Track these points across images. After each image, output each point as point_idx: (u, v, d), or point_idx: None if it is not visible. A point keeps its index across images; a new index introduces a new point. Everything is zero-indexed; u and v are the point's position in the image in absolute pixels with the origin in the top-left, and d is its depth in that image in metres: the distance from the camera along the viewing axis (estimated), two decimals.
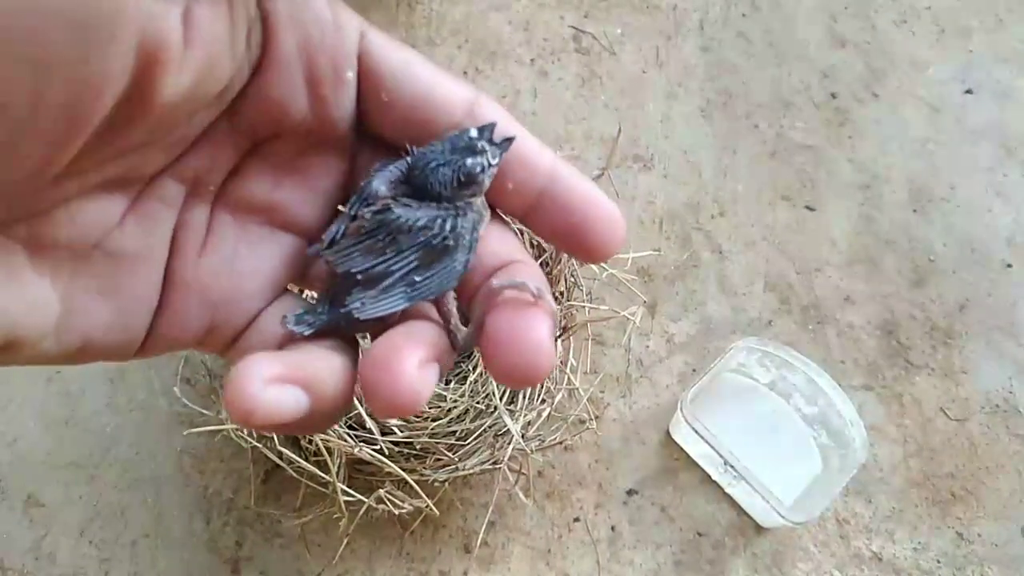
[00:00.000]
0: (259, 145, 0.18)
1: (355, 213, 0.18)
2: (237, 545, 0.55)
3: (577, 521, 0.56)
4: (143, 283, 0.17)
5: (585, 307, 0.59)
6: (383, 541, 0.55)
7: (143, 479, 0.56)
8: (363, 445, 0.49)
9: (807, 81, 0.75)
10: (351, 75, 0.17)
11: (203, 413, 0.53)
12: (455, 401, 0.55)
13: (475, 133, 0.17)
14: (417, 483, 0.49)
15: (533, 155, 0.18)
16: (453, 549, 0.55)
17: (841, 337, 0.64)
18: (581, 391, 0.57)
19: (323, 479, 0.49)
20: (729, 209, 0.69)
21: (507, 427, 0.50)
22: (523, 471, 0.54)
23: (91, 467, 0.57)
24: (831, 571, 0.55)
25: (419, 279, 0.18)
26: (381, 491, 0.49)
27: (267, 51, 0.16)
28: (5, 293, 0.14)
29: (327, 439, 0.48)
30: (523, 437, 0.51)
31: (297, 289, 0.20)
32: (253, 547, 0.54)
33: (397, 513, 0.49)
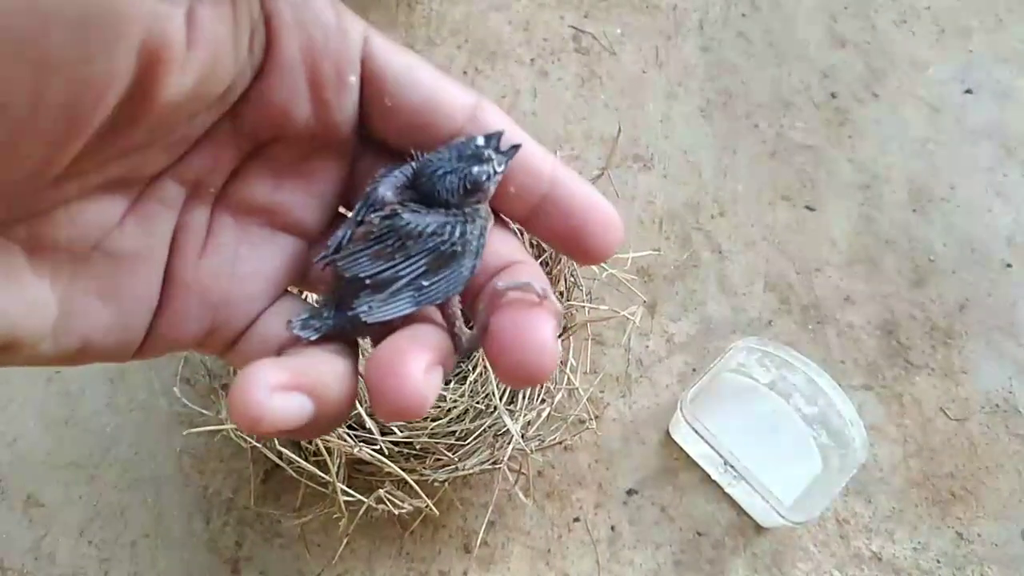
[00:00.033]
0: (261, 147, 0.18)
1: (361, 218, 0.18)
2: (237, 545, 0.55)
3: (577, 521, 0.56)
4: (142, 284, 0.17)
5: (585, 307, 0.59)
6: (383, 541, 0.55)
7: (143, 479, 0.56)
8: (363, 445, 0.49)
9: (807, 81, 0.75)
10: (354, 79, 0.17)
11: (203, 413, 0.53)
12: (455, 401, 0.55)
13: (482, 141, 0.17)
14: (417, 483, 0.49)
15: (535, 160, 0.18)
16: (453, 549, 0.55)
17: (841, 337, 0.64)
18: (581, 391, 0.57)
19: (323, 479, 0.49)
20: (729, 209, 0.69)
21: (507, 427, 0.50)
22: (523, 471, 0.54)
23: (91, 467, 0.57)
24: (831, 571, 0.55)
25: (427, 284, 0.18)
26: (381, 491, 0.49)
27: (270, 54, 0.16)
28: (4, 294, 0.14)
29: (327, 439, 0.48)
30: (523, 437, 0.51)
31: (296, 291, 0.20)
32: (253, 547, 0.54)
33: (397, 513, 0.49)
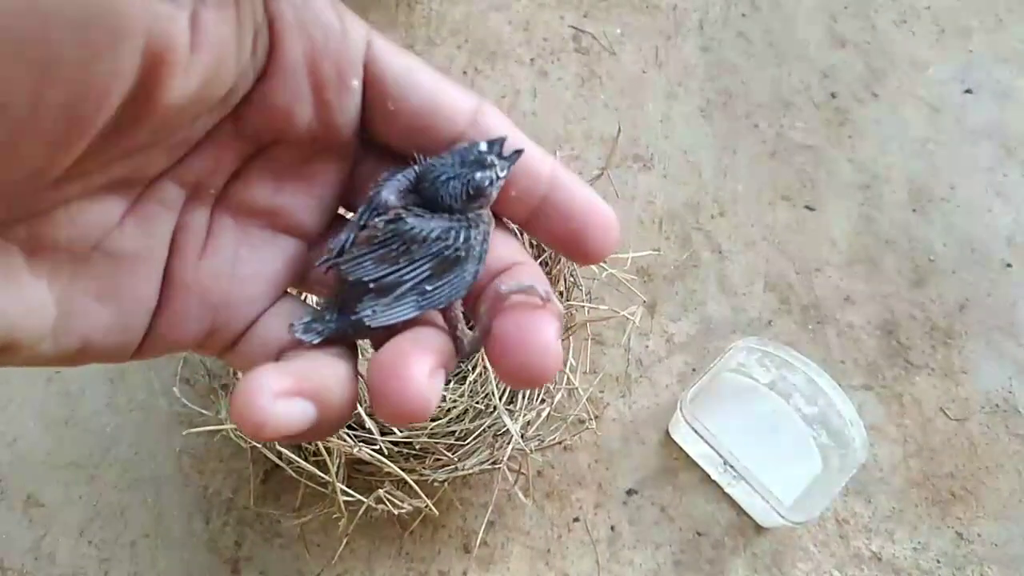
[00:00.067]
0: (262, 149, 0.18)
1: (365, 222, 0.18)
2: (236, 545, 0.55)
3: (577, 521, 0.56)
4: (142, 285, 0.17)
5: (585, 307, 0.59)
6: (382, 541, 0.55)
7: (143, 479, 0.56)
8: (362, 445, 0.49)
9: (807, 81, 0.75)
10: (356, 83, 0.17)
11: (202, 413, 0.53)
12: (454, 401, 0.55)
13: (485, 147, 0.17)
14: (416, 483, 0.49)
15: (536, 163, 0.18)
16: (452, 549, 0.55)
17: (841, 337, 0.64)
18: (581, 391, 0.57)
19: (322, 479, 0.49)
20: (729, 209, 0.69)
21: (506, 427, 0.50)
22: (522, 471, 0.54)
23: (91, 467, 0.57)
24: (831, 571, 0.55)
25: (430, 288, 0.18)
26: (380, 491, 0.49)
27: (273, 57, 0.16)
28: (3, 295, 0.14)
29: (326, 439, 0.48)
30: (522, 437, 0.51)
31: (295, 292, 0.20)
32: (253, 547, 0.54)
33: (396, 513, 0.49)
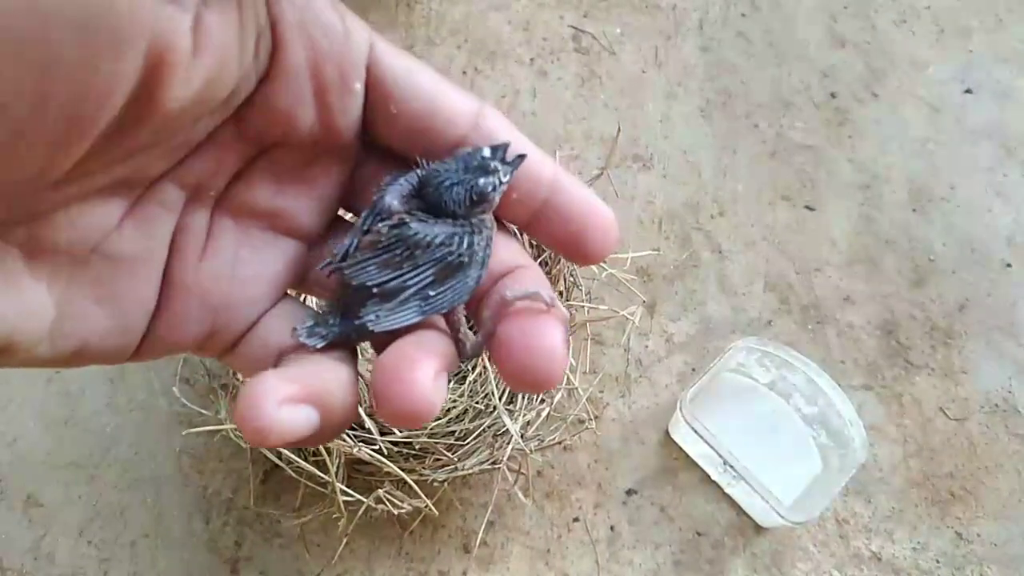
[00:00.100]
0: (263, 151, 0.18)
1: (368, 227, 0.18)
2: (236, 545, 0.55)
3: (576, 521, 0.56)
4: (141, 287, 0.17)
5: (584, 307, 0.59)
6: (382, 541, 0.55)
7: (143, 479, 0.56)
8: (362, 445, 0.49)
9: (807, 81, 0.75)
10: (359, 86, 0.17)
11: (202, 413, 0.53)
12: (454, 401, 0.55)
13: (488, 153, 0.17)
14: (416, 483, 0.49)
15: (537, 166, 0.18)
16: (452, 549, 0.55)
17: (841, 337, 0.64)
18: (580, 391, 0.57)
19: (322, 479, 0.49)
20: (729, 209, 0.69)
21: (506, 427, 0.50)
22: (522, 471, 0.54)
23: (91, 467, 0.57)
24: (830, 571, 0.55)
25: (433, 293, 0.18)
26: (380, 491, 0.49)
27: (276, 60, 0.16)
28: (1, 297, 0.14)
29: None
30: (522, 437, 0.51)
31: (294, 293, 0.20)
32: (252, 547, 0.54)
33: (396, 513, 0.49)
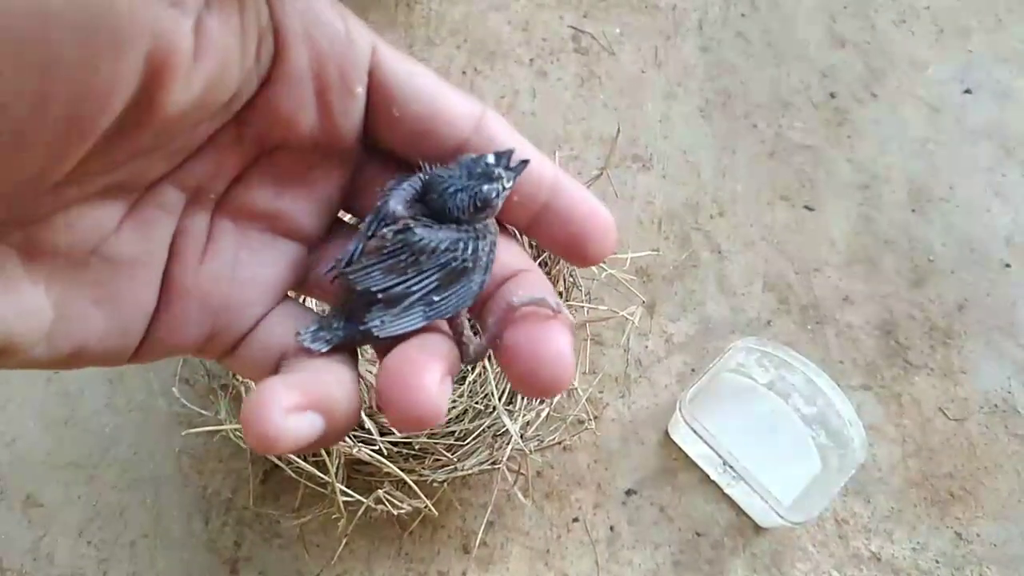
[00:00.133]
0: (264, 154, 0.18)
1: (372, 232, 0.18)
2: (236, 545, 0.55)
3: (576, 521, 0.56)
4: (139, 290, 0.17)
5: (584, 307, 0.59)
6: (382, 541, 0.55)
7: (142, 479, 0.56)
8: (362, 445, 0.49)
9: (806, 81, 0.75)
10: (361, 90, 0.17)
11: (202, 413, 0.53)
12: (454, 401, 0.55)
13: (492, 160, 0.18)
14: (416, 483, 0.49)
15: (537, 169, 0.18)
16: (452, 549, 0.55)
17: (840, 337, 0.64)
18: (580, 391, 0.57)
19: (322, 479, 0.49)
20: (728, 209, 0.69)
21: (506, 427, 0.50)
22: (522, 471, 0.54)
23: (90, 467, 0.57)
24: (830, 571, 0.55)
25: (437, 299, 0.18)
26: (380, 491, 0.49)
27: (278, 63, 0.16)
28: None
29: None
30: (522, 437, 0.51)
31: (294, 295, 0.20)
32: (252, 547, 0.54)
33: (396, 513, 0.49)
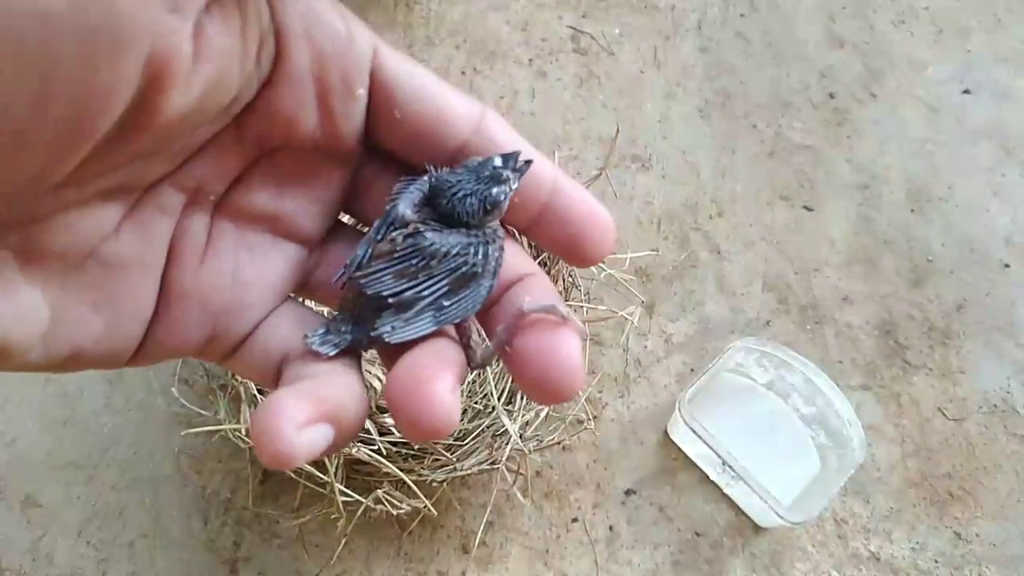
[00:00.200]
0: (264, 155, 0.18)
1: (381, 236, 0.18)
2: (235, 545, 0.55)
3: (575, 521, 0.56)
4: (137, 292, 0.17)
5: (583, 307, 0.59)
6: (381, 541, 0.55)
7: (141, 479, 0.56)
8: (361, 445, 0.49)
9: (805, 81, 0.75)
10: (362, 91, 0.17)
11: (201, 413, 0.53)
12: None
13: (500, 162, 0.18)
14: (415, 483, 0.49)
15: (538, 170, 0.18)
16: (451, 549, 0.55)
17: (839, 337, 0.64)
18: (579, 391, 0.57)
19: (321, 479, 0.49)
20: (727, 209, 0.69)
21: (505, 427, 0.50)
22: (521, 471, 0.54)
23: (89, 467, 0.57)
24: (829, 571, 0.55)
25: (447, 304, 0.18)
26: (379, 491, 0.49)
27: (279, 65, 0.16)
28: None
29: None
30: (521, 437, 0.51)
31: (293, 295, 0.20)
32: (251, 547, 0.54)
33: (395, 513, 0.49)
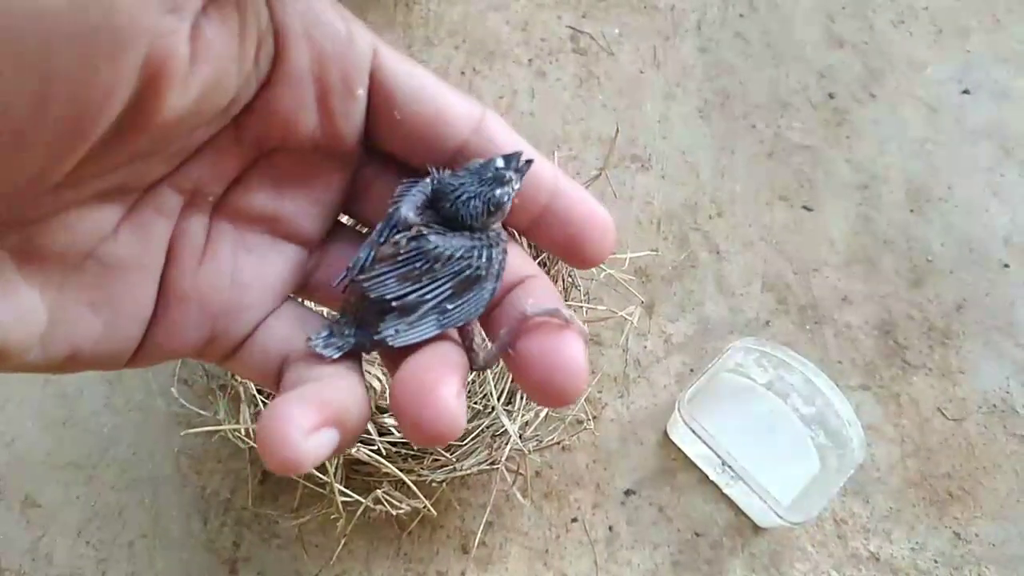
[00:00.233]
0: (263, 156, 0.18)
1: (384, 239, 0.18)
2: (235, 546, 0.55)
3: (575, 521, 0.56)
4: (136, 293, 0.17)
5: (583, 307, 0.59)
6: (381, 542, 0.55)
7: (141, 479, 0.56)
8: (360, 445, 0.49)
9: (805, 81, 0.75)
10: (362, 92, 0.17)
11: (200, 414, 0.53)
12: None
13: (502, 163, 0.18)
14: (415, 483, 0.49)
15: (538, 171, 0.18)
16: (451, 549, 0.55)
17: (839, 337, 0.64)
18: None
19: (320, 480, 0.49)
20: (727, 209, 0.69)
21: (505, 427, 0.50)
22: (521, 471, 0.54)
23: (89, 467, 0.57)
24: (829, 571, 0.55)
25: (451, 307, 0.18)
26: (379, 491, 0.49)
27: (278, 66, 0.16)
28: None
29: None
30: (521, 437, 0.51)
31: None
32: (251, 548, 0.54)
33: (395, 513, 0.49)
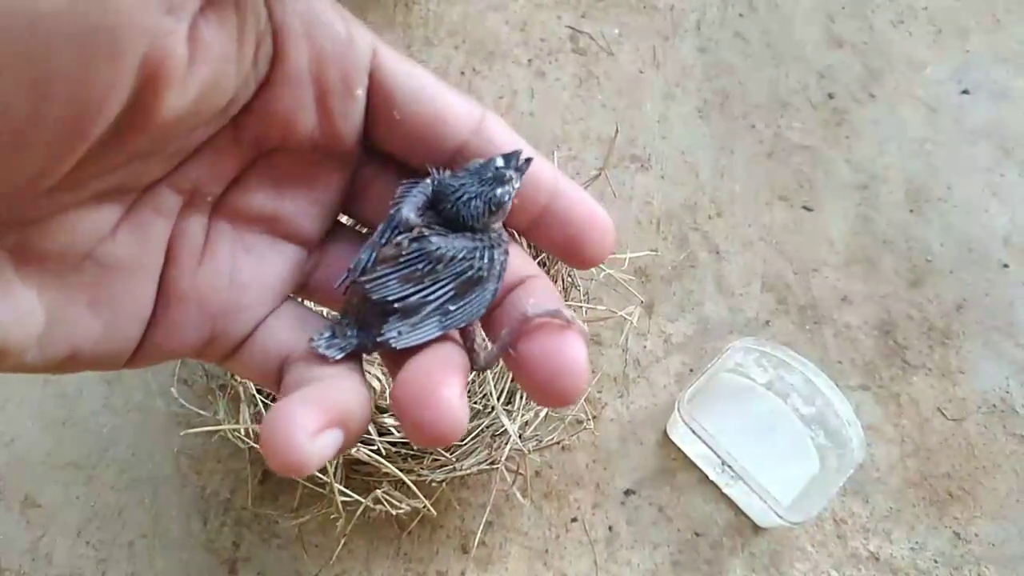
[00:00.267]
0: (262, 156, 0.18)
1: (386, 240, 0.18)
2: (234, 546, 0.55)
3: (575, 521, 0.56)
4: (135, 294, 0.17)
5: (582, 307, 0.59)
6: (380, 541, 0.55)
7: (140, 479, 0.56)
8: (360, 445, 0.49)
9: (804, 81, 0.75)
10: (361, 92, 0.17)
11: (200, 414, 0.53)
12: None
13: (502, 163, 0.18)
14: (414, 483, 0.49)
15: (537, 171, 0.18)
16: (451, 549, 0.55)
17: (838, 337, 0.64)
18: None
19: (320, 479, 0.49)
20: (726, 209, 0.69)
21: (504, 427, 0.50)
22: (520, 471, 0.54)
23: (88, 468, 0.57)
24: (828, 571, 0.55)
25: (453, 308, 0.18)
26: (378, 491, 0.49)
27: (277, 66, 0.16)
28: None
29: None
30: (520, 437, 0.51)
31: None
32: (250, 548, 0.54)
33: (394, 513, 0.49)
